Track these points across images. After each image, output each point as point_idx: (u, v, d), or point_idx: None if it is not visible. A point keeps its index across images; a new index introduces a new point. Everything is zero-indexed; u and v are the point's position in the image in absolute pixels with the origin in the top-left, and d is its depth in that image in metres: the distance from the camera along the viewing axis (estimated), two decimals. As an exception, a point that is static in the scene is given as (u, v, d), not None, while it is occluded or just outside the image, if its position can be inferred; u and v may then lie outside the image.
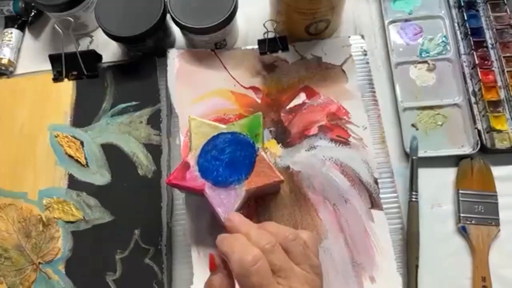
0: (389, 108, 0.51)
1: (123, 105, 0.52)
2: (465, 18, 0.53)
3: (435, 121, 0.50)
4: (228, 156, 0.42)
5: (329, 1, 0.47)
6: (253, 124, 0.43)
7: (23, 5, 0.58)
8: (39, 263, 0.46)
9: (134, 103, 0.51)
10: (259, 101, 0.51)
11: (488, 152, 0.48)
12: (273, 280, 0.32)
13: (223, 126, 0.43)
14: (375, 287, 0.43)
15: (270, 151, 0.49)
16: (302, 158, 0.48)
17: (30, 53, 0.58)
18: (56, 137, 0.51)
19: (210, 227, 0.46)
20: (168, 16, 0.50)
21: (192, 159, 0.42)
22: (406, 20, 0.55)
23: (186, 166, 0.42)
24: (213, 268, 0.35)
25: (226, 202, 0.41)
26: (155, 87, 0.52)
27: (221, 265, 0.35)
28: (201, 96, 0.51)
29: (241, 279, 0.32)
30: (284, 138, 0.49)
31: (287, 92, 0.51)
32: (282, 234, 0.34)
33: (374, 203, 0.46)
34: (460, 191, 0.46)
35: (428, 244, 0.45)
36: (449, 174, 0.48)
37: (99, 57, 0.54)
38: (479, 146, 0.47)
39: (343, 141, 0.49)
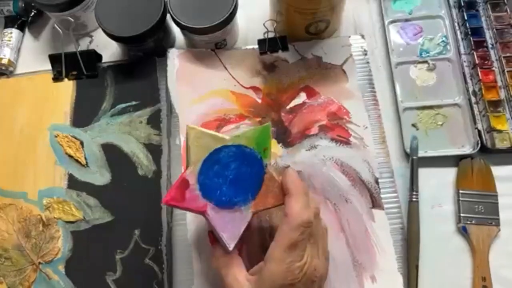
0: (389, 108, 0.51)
1: (123, 105, 0.51)
2: (465, 18, 0.53)
3: (435, 121, 0.50)
4: (233, 172, 0.37)
5: (329, 1, 0.47)
6: (262, 137, 0.38)
7: (23, 5, 0.58)
8: (39, 263, 0.46)
9: (134, 103, 0.51)
10: (259, 101, 0.51)
11: (488, 152, 0.48)
12: (307, 242, 0.35)
13: (227, 137, 0.37)
14: (376, 287, 0.43)
15: (271, 151, 0.48)
16: (303, 158, 0.48)
17: (30, 53, 0.58)
18: (56, 137, 0.51)
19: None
20: (168, 16, 0.50)
21: (191, 176, 0.36)
22: (406, 20, 0.55)
23: (184, 184, 0.36)
24: (215, 243, 0.38)
25: (230, 226, 0.36)
26: (155, 87, 0.52)
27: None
28: (201, 96, 0.51)
29: (286, 226, 0.34)
30: (285, 138, 0.49)
31: (287, 92, 0.51)
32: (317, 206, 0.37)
33: (375, 202, 0.46)
34: (460, 191, 0.46)
35: (428, 244, 0.45)
36: (449, 174, 0.48)
37: (99, 57, 0.54)
38: (479, 146, 0.47)
39: (344, 141, 0.49)
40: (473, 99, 0.50)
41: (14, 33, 0.58)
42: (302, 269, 0.34)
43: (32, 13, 0.59)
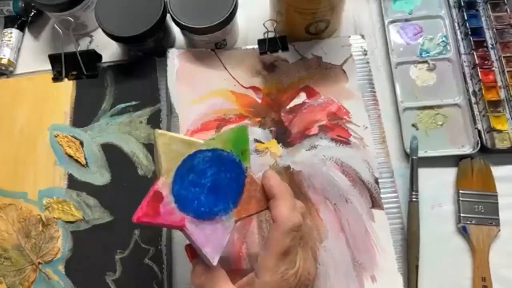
0: (389, 108, 0.51)
1: (123, 105, 0.51)
2: (465, 18, 0.53)
3: (435, 121, 0.50)
4: (211, 179, 0.33)
5: (329, 1, 0.47)
6: (238, 139, 0.35)
7: (23, 5, 0.58)
8: (39, 263, 0.46)
9: (134, 103, 0.51)
10: (259, 101, 0.51)
11: (488, 152, 0.48)
12: (298, 246, 0.34)
13: (201, 141, 0.34)
14: (376, 287, 0.43)
15: (271, 151, 0.49)
16: (303, 158, 0.48)
17: (30, 53, 0.58)
18: (56, 137, 0.51)
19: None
20: (168, 16, 0.50)
21: (164, 188, 0.32)
22: (406, 20, 0.55)
23: (157, 196, 0.32)
24: (195, 258, 0.35)
25: (213, 239, 0.33)
26: (155, 87, 0.52)
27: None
28: (201, 96, 0.51)
29: (277, 233, 0.33)
30: (285, 138, 0.49)
31: (287, 92, 0.51)
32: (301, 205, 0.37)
33: (375, 202, 0.46)
34: (460, 191, 0.46)
35: (428, 244, 0.45)
36: (449, 174, 0.48)
37: (99, 57, 0.54)
38: (479, 146, 0.47)
39: (344, 141, 0.49)
40: (473, 99, 0.50)
41: (14, 33, 0.58)
42: (296, 276, 0.33)
43: (32, 13, 0.59)
